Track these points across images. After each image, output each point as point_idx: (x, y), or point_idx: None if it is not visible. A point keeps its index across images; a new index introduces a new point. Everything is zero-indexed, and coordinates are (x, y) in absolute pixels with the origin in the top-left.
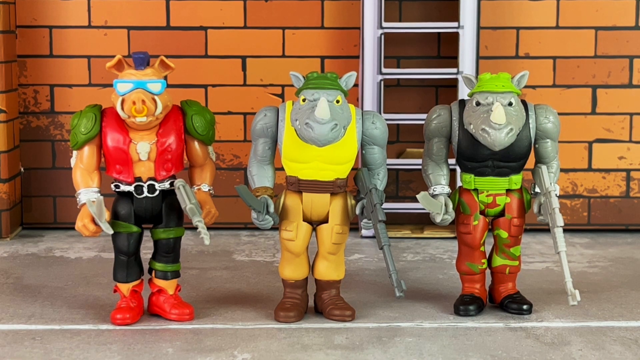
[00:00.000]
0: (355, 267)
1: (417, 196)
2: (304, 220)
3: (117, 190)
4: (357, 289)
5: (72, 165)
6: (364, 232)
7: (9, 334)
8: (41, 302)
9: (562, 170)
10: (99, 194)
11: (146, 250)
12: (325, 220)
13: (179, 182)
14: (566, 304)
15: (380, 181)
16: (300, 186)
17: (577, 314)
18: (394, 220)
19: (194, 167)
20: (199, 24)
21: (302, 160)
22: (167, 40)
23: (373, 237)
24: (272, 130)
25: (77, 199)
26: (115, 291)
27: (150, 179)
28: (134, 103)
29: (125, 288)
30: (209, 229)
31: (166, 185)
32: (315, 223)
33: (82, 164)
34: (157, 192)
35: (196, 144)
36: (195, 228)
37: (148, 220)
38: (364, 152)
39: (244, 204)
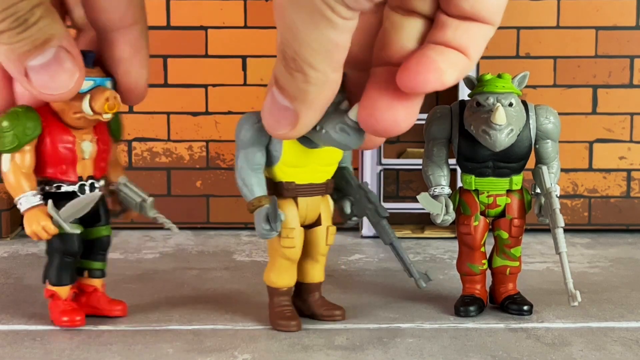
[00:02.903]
0: (356, 268)
1: (418, 197)
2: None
3: (57, 191)
4: (357, 289)
5: (3, 170)
6: (364, 231)
7: (9, 334)
8: (41, 302)
9: (562, 170)
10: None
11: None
12: (315, 223)
13: (123, 180)
14: (567, 304)
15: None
16: (297, 191)
17: (577, 314)
18: (395, 220)
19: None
20: (199, 24)
21: (301, 164)
22: (167, 40)
23: (374, 237)
24: (266, 138)
25: (21, 203)
26: (50, 295)
27: (89, 177)
28: (107, 100)
29: (66, 290)
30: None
31: (102, 183)
32: (305, 227)
33: (23, 167)
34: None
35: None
36: (155, 221)
37: (85, 220)
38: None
39: (244, 204)
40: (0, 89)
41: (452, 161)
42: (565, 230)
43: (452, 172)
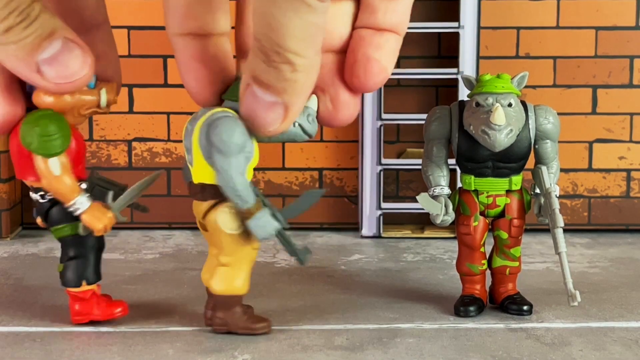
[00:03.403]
0: (356, 268)
1: (417, 197)
2: None
3: None
4: (357, 289)
5: (55, 174)
6: (363, 231)
7: (9, 335)
8: (41, 303)
9: (562, 170)
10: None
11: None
12: None
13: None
14: (566, 304)
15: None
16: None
17: (577, 314)
18: (394, 220)
19: None
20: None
21: (255, 163)
22: (167, 40)
23: (373, 237)
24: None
25: (82, 203)
26: (90, 295)
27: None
28: (117, 94)
29: (95, 287)
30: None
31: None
32: None
33: (69, 169)
34: None
35: None
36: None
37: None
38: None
39: None
40: (6, 99)
41: (452, 161)
42: (565, 230)
43: (452, 172)
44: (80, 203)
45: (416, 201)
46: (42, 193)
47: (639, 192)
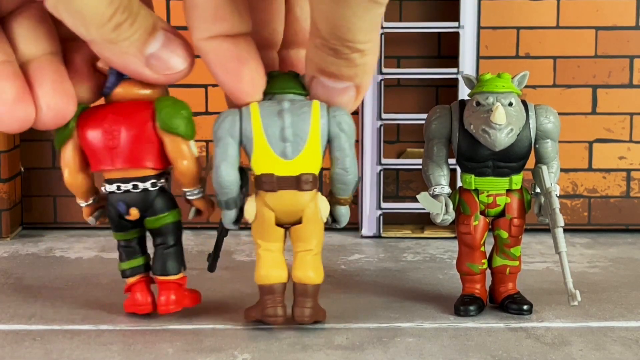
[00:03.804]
0: (355, 267)
1: (418, 196)
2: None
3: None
4: (357, 289)
5: (195, 156)
6: (364, 231)
7: (9, 334)
8: (41, 302)
9: (562, 170)
10: None
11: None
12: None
13: None
14: (566, 304)
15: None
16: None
17: (577, 314)
18: (394, 220)
19: None
20: None
21: None
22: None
23: (373, 236)
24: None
25: (203, 190)
26: (179, 285)
27: None
28: None
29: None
30: None
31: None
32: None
33: None
34: None
35: None
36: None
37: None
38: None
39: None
40: (90, 80)
41: (452, 161)
42: (565, 230)
43: (452, 171)
44: (202, 190)
45: (416, 201)
46: (153, 181)
47: (639, 192)
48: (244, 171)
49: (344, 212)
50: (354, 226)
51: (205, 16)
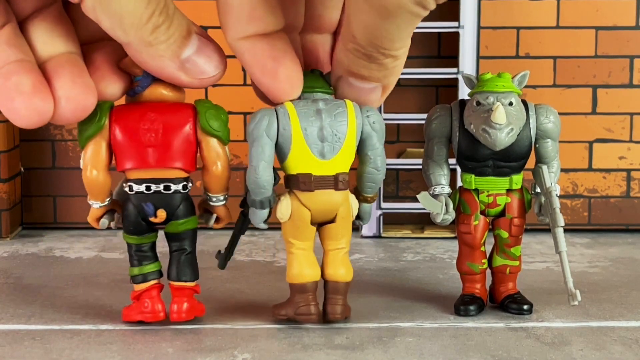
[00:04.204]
0: (356, 267)
1: (418, 196)
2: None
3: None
4: (357, 289)
5: (229, 161)
6: (363, 231)
7: (9, 334)
8: (41, 302)
9: (562, 170)
10: None
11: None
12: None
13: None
14: (567, 304)
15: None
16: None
17: (577, 314)
18: (394, 220)
19: None
20: (199, 24)
21: None
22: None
23: (373, 236)
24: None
25: (225, 196)
26: (195, 291)
27: None
28: None
29: None
30: None
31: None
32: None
33: None
34: None
35: None
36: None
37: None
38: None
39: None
40: (112, 76)
41: (452, 160)
42: (565, 230)
43: (452, 171)
44: (227, 193)
45: (416, 201)
46: (185, 184)
47: (639, 192)
48: (275, 171)
49: (368, 210)
50: (354, 226)
51: (240, 16)
